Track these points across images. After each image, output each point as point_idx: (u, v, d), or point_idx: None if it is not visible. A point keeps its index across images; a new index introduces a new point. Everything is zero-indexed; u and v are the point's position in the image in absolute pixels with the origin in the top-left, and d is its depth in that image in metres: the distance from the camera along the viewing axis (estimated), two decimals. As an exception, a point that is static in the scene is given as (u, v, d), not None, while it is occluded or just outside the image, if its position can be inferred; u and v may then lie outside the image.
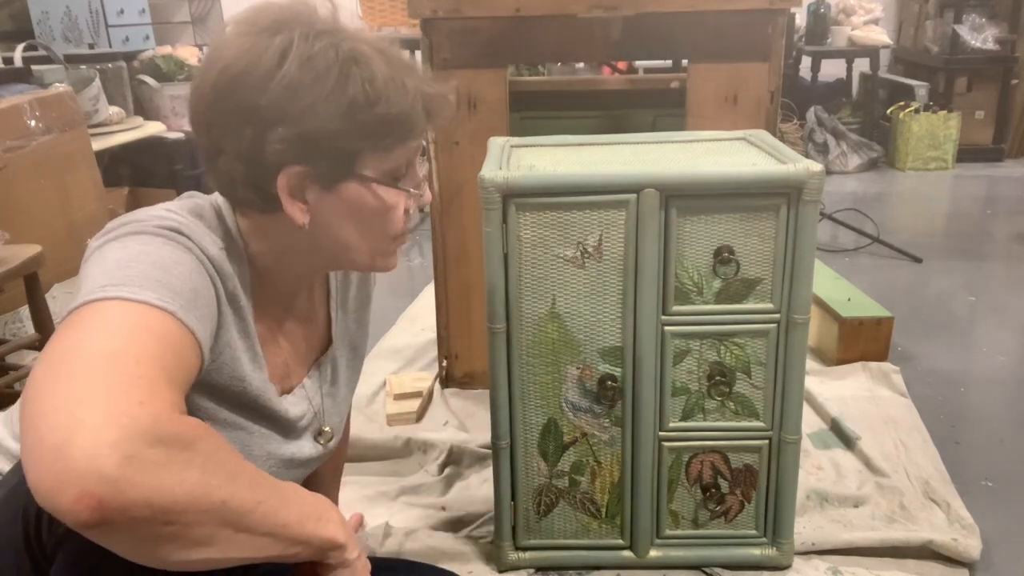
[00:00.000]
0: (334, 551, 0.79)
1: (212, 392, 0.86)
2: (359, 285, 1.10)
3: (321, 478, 1.25)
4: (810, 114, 4.57)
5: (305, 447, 1.01)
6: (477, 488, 1.57)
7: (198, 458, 0.65)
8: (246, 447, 0.92)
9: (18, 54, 2.98)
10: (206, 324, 0.77)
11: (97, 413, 0.61)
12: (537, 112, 1.99)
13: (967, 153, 4.56)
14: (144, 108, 3.32)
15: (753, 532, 1.32)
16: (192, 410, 0.77)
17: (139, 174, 3.34)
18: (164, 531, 0.63)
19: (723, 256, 1.17)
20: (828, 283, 2.28)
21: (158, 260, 0.75)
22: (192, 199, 0.89)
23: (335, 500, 1.38)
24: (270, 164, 0.81)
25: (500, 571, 1.34)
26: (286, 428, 0.97)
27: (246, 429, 0.91)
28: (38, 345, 1.85)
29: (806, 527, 1.42)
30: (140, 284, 0.72)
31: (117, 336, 0.67)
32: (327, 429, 1.04)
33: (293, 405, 0.97)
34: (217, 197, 0.90)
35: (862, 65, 4.88)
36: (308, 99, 0.79)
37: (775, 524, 1.31)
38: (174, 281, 0.74)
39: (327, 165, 0.83)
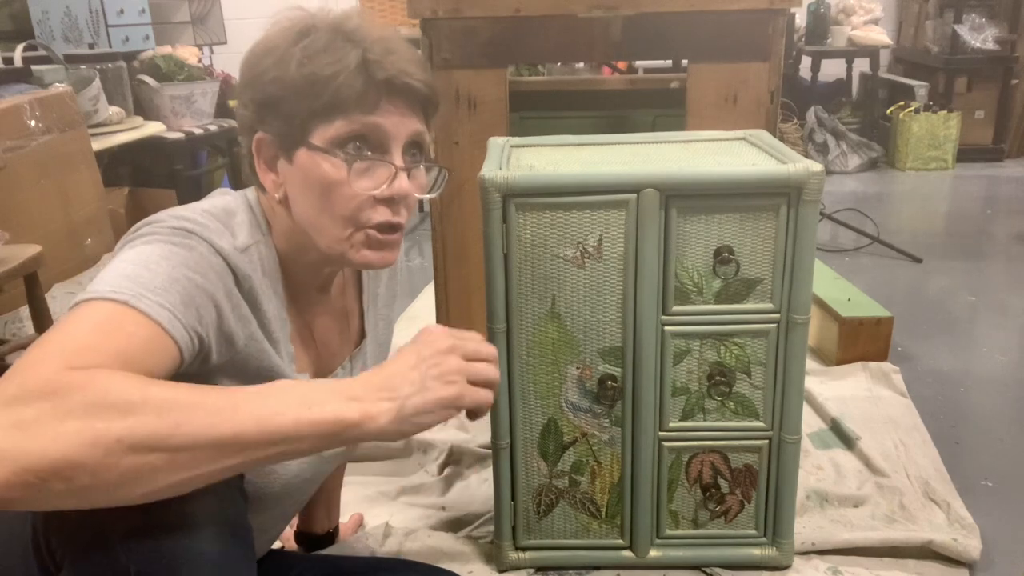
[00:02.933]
0: (350, 430, 0.73)
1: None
2: (387, 282, 1.13)
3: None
4: (810, 114, 4.57)
5: None
6: (477, 488, 1.57)
7: (74, 405, 0.62)
8: None
9: (18, 54, 2.98)
10: (189, 310, 0.75)
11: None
12: (537, 112, 1.99)
13: (967, 153, 4.56)
14: (144, 108, 3.32)
15: (753, 532, 1.32)
16: None
17: (139, 174, 3.34)
18: (76, 484, 0.61)
19: (723, 256, 1.17)
20: (828, 283, 2.28)
21: (145, 259, 0.76)
22: (223, 196, 0.91)
23: (338, 498, 1.38)
24: (245, 132, 0.88)
25: (500, 571, 1.34)
26: None
27: None
28: (38, 345, 1.85)
29: (806, 527, 1.42)
30: (112, 285, 0.73)
31: (69, 327, 0.70)
32: None
33: None
34: (249, 190, 0.93)
35: (862, 65, 4.89)
36: (265, 64, 0.84)
37: (775, 524, 1.31)
38: (145, 274, 0.74)
39: (282, 130, 0.85)
